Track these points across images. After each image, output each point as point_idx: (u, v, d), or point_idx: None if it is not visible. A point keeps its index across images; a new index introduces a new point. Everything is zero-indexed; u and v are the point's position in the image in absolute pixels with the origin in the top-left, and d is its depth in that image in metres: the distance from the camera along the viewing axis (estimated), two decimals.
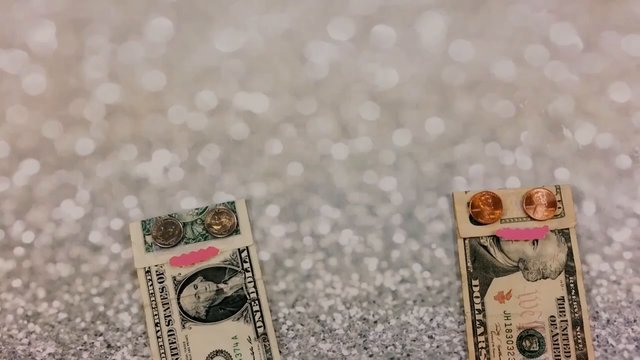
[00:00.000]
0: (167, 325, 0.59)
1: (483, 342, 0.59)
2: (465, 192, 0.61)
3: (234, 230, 0.60)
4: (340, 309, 0.61)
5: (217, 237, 0.60)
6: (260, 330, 0.59)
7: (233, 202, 0.61)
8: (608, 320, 0.60)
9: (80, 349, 0.60)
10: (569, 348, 0.59)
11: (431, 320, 0.61)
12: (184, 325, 0.59)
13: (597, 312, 0.61)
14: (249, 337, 0.59)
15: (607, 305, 0.61)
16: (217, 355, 0.59)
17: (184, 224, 0.60)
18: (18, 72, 0.65)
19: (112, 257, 0.62)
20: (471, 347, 0.59)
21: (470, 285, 0.60)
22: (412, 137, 0.64)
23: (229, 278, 0.60)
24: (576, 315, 0.59)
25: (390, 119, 0.64)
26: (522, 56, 0.65)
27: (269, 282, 0.61)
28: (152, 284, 0.59)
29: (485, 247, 0.60)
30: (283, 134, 0.64)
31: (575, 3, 0.66)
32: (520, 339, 0.59)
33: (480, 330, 0.59)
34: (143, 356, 0.60)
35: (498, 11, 0.66)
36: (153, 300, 0.59)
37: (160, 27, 0.66)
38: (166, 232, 0.60)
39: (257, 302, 0.59)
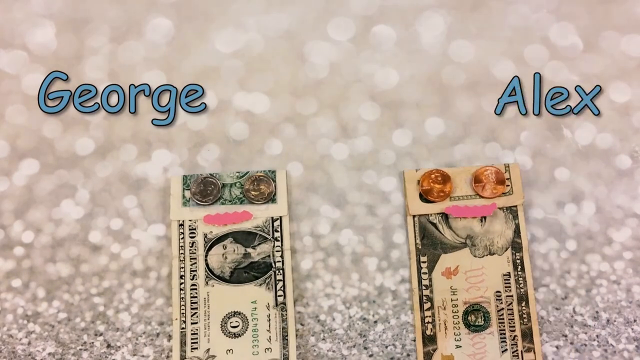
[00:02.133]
0: (192, 279, 0.60)
1: (430, 317, 0.60)
2: (416, 170, 0.61)
3: (271, 198, 0.61)
4: (340, 309, 0.61)
5: (253, 203, 0.61)
6: (281, 299, 0.60)
7: (274, 172, 0.61)
8: (608, 320, 0.60)
9: (80, 349, 0.60)
10: (514, 322, 0.59)
11: None
12: (207, 282, 0.60)
13: (597, 312, 0.60)
14: (268, 304, 0.60)
15: (607, 305, 0.61)
16: (234, 316, 0.60)
17: (223, 185, 0.61)
18: (18, 72, 0.65)
19: (112, 257, 0.62)
20: (417, 323, 0.60)
21: (418, 262, 0.60)
22: (412, 137, 0.64)
23: (258, 244, 0.61)
24: (522, 290, 0.60)
25: (390, 119, 0.64)
26: (522, 56, 0.65)
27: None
28: (183, 237, 0.61)
29: (434, 224, 0.61)
30: (283, 134, 0.64)
31: (575, 3, 0.66)
32: (466, 313, 0.60)
33: (427, 306, 0.60)
34: (143, 356, 0.60)
35: (498, 11, 0.66)
36: (182, 253, 0.60)
37: (160, 27, 0.66)
38: (205, 189, 0.61)
39: (281, 271, 0.60)
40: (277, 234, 0.61)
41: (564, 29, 0.66)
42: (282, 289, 0.60)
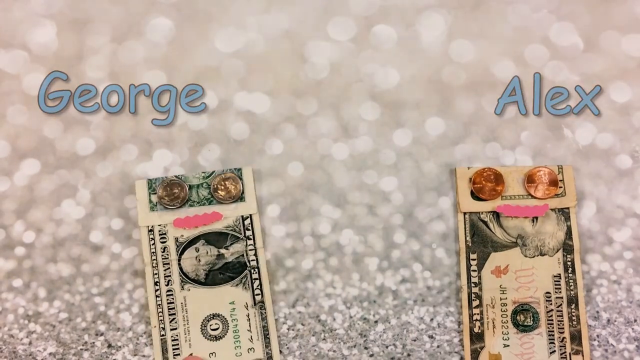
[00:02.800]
0: (167, 285, 0.60)
1: (478, 314, 0.59)
2: (468, 168, 0.61)
3: (239, 197, 0.61)
4: (340, 309, 0.61)
5: (222, 203, 0.61)
6: (258, 297, 0.60)
7: (240, 169, 0.61)
8: (608, 320, 0.60)
9: (81, 349, 0.60)
10: (563, 324, 0.59)
11: (432, 320, 0.61)
12: (182, 287, 0.60)
13: (597, 312, 0.61)
14: (246, 303, 0.59)
15: (608, 305, 0.61)
16: (213, 318, 0.59)
17: (190, 187, 0.61)
18: (18, 72, 0.65)
19: (113, 257, 0.62)
20: (466, 320, 0.60)
21: (468, 259, 0.60)
22: (412, 137, 0.64)
23: (231, 244, 0.60)
24: (572, 292, 0.60)
25: (390, 119, 0.64)
26: (522, 56, 0.65)
27: (269, 282, 0.61)
28: (154, 243, 0.60)
29: (484, 222, 0.61)
30: (283, 134, 0.64)
31: (575, 3, 0.66)
32: (515, 313, 0.60)
33: (475, 303, 0.60)
34: (144, 356, 0.60)
35: (498, 11, 0.66)
36: (154, 260, 0.60)
37: (160, 27, 0.66)
38: (172, 192, 0.60)
39: (256, 270, 0.60)
40: (248, 233, 0.60)
41: (564, 29, 0.66)
42: (259, 287, 0.60)
